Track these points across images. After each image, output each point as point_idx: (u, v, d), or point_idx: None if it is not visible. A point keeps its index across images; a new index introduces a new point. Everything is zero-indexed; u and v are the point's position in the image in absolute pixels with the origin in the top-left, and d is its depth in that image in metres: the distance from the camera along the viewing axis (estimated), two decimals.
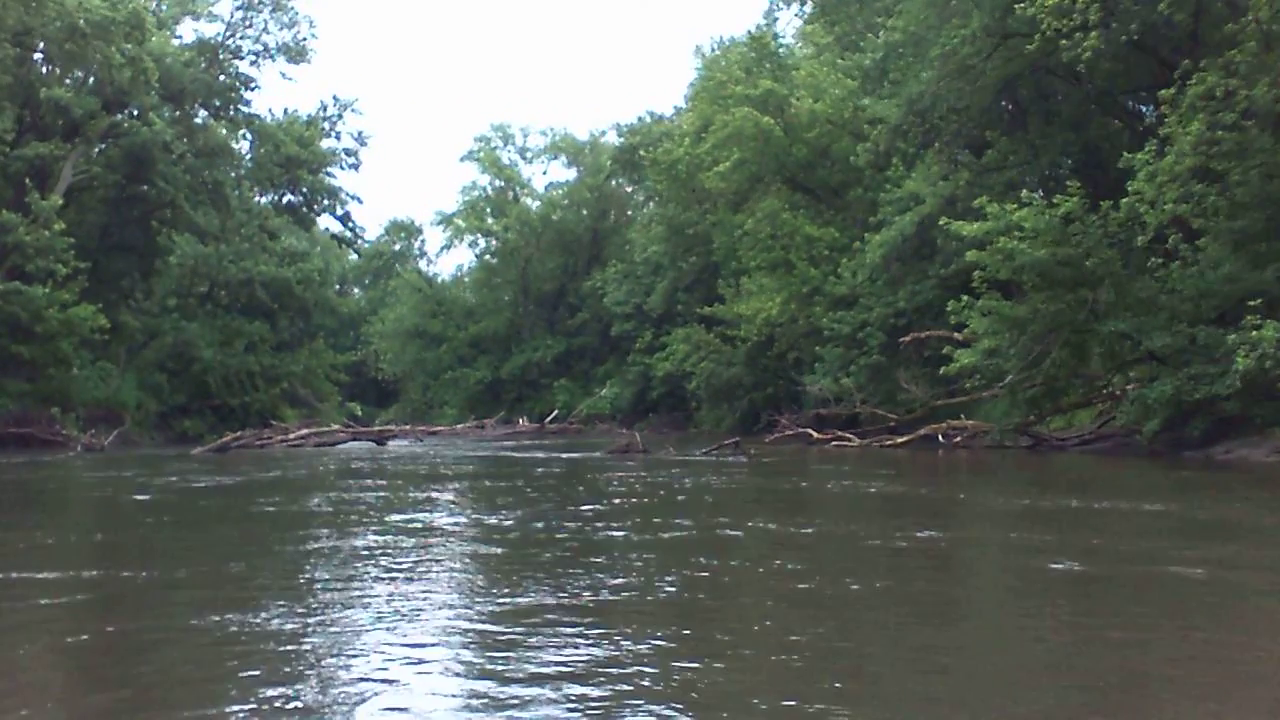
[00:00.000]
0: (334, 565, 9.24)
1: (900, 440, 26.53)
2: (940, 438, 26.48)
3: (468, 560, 9.64)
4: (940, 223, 24.45)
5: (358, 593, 7.90)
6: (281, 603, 7.46)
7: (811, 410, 42.14)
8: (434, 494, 17.06)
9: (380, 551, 9.95)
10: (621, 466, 22.03)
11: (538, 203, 77.23)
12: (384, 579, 8.50)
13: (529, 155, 78.30)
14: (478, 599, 7.63)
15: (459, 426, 57.00)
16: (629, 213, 74.95)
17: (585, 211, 75.90)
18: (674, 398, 58.07)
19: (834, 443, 28.02)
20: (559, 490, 17.16)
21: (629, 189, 74.13)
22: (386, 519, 12.70)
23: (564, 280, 75.44)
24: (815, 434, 29.14)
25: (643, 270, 63.14)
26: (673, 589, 8.00)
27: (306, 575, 8.86)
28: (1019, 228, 21.15)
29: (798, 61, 41.09)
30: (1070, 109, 32.00)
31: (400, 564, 9.23)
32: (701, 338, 47.50)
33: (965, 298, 22.72)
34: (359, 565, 9.20)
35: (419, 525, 12.21)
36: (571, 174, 78.04)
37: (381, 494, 16.73)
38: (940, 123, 30.33)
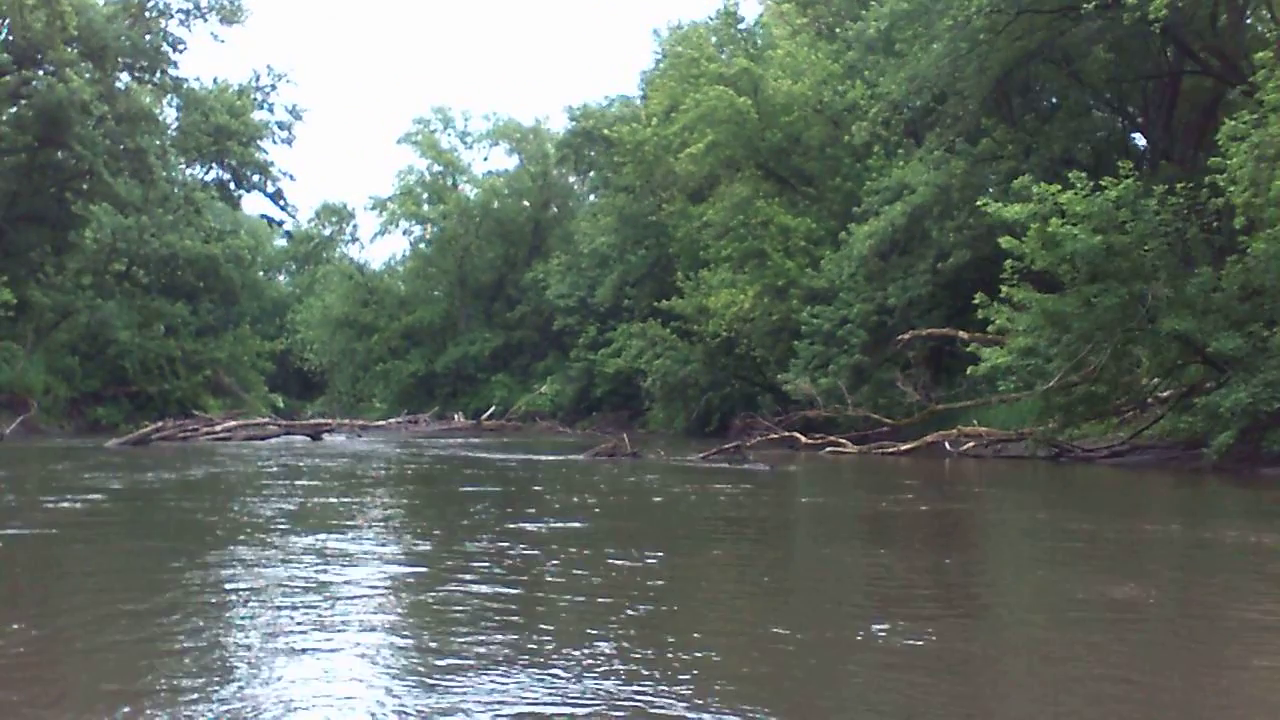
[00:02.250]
0: (257, 618, 6.53)
1: (904, 447, 24.11)
2: (947, 445, 24.12)
3: (432, 616, 6.78)
4: (978, 204, 21.98)
5: (282, 664, 5.37)
6: (177, 676, 5.02)
7: (769, 411, 39.92)
8: (396, 506, 14.23)
9: (330, 597, 7.19)
10: (617, 473, 19.28)
11: (477, 190, 74.00)
12: (322, 644, 5.82)
13: (469, 140, 75.07)
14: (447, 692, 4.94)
15: (392, 421, 54.10)
16: (571, 204, 72.26)
17: (527, 201, 72.90)
18: (619, 396, 55.56)
19: (828, 449, 25.53)
20: (552, 505, 14.36)
21: (573, 179, 71.43)
22: (343, 545, 9.73)
23: (503, 271, 72.36)
24: (804, 438, 26.61)
25: (588, 262, 60.39)
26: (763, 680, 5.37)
27: (221, 627, 6.21)
28: (1061, 212, 18.81)
29: (772, 41, 38.62)
30: (1075, 98, 30.08)
31: (350, 618, 6.52)
32: (657, 333, 44.87)
33: (1004, 289, 20.28)
34: (290, 615, 6.51)
35: (383, 554, 9.40)
36: (513, 162, 75.00)
37: (331, 503, 13.81)
38: (940, 105, 28.08)
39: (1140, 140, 34.18)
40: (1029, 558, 9.98)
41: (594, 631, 6.12)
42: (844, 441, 25.74)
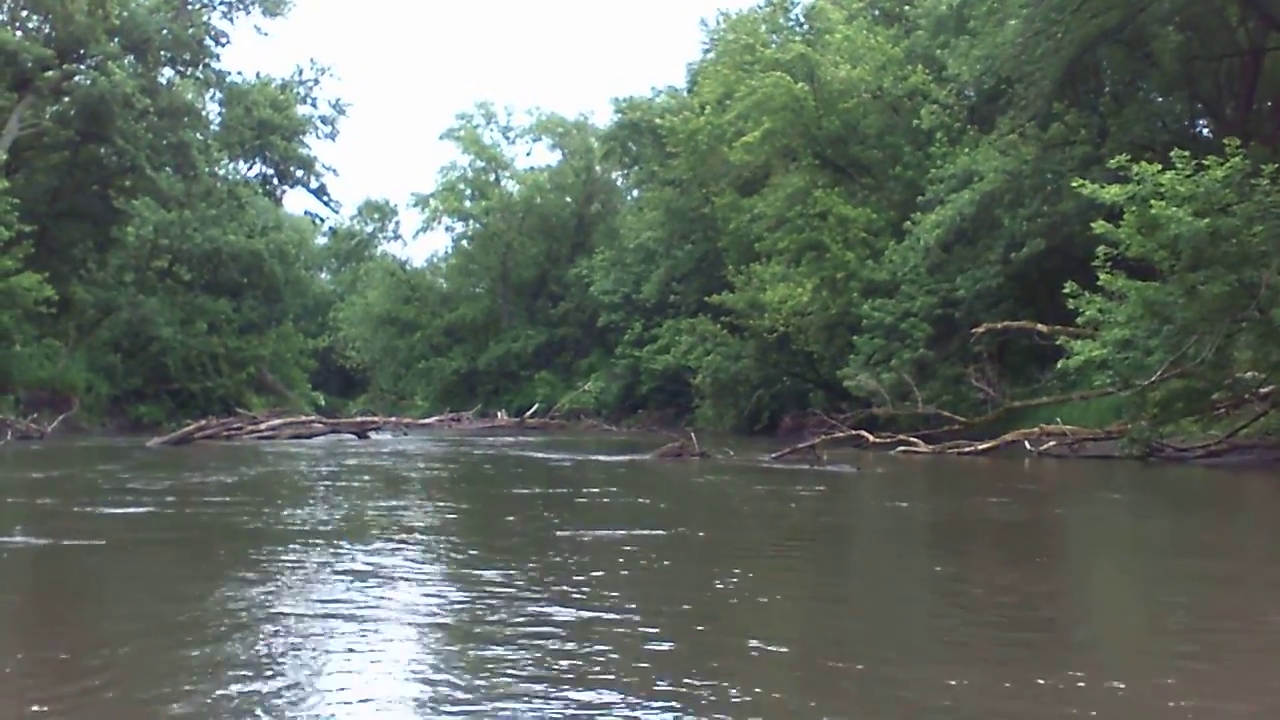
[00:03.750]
0: (301, 648, 5.49)
1: (981, 447, 22.85)
2: (1027, 444, 22.85)
3: (500, 650, 5.59)
4: (1073, 185, 20.66)
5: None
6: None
7: (821, 408, 38.77)
8: (456, 512, 13.14)
9: (381, 624, 6.21)
10: (687, 474, 18.17)
11: (520, 185, 73.25)
12: (368, 681, 4.88)
13: (512, 135, 74.27)
14: None
15: (434, 419, 53.45)
16: (614, 199, 71.38)
17: (570, 197, 72.01)
18: (664, 393, 54.51)
19: (899, 448, 24.25)
20: (624, 511, 13.28)
21: (616, 174, 70.55)
22: (400, 559, 8.65)
23: (546, 268, 71.51)
24: (871, 437, 25.38)
25: (633, 258, 59.42)
26: None
27: (263, 658, 5.24)
28: (1158, 194, 17.53)
29: (827, 26, 37.39)
30: (1153, 80, 28.77)
31: (401, 649, 5.58)
32: (708, 329, 43.75)
33: (1102, 277, 18.97)
34: (336, 644, 5.57)
35: (445, 571, 8.33)
36: (556, 157, 74.17)
37: (386, 508, 12.77)
38: (1011, 88, 26.83)
39: (1204, 125, 32.73)
40: (1184, 578, 8.75)
41: (685, 670, 5.05)
42: (916, 441, 24.46)
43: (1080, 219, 26.24)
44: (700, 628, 6.10)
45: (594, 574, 7.80)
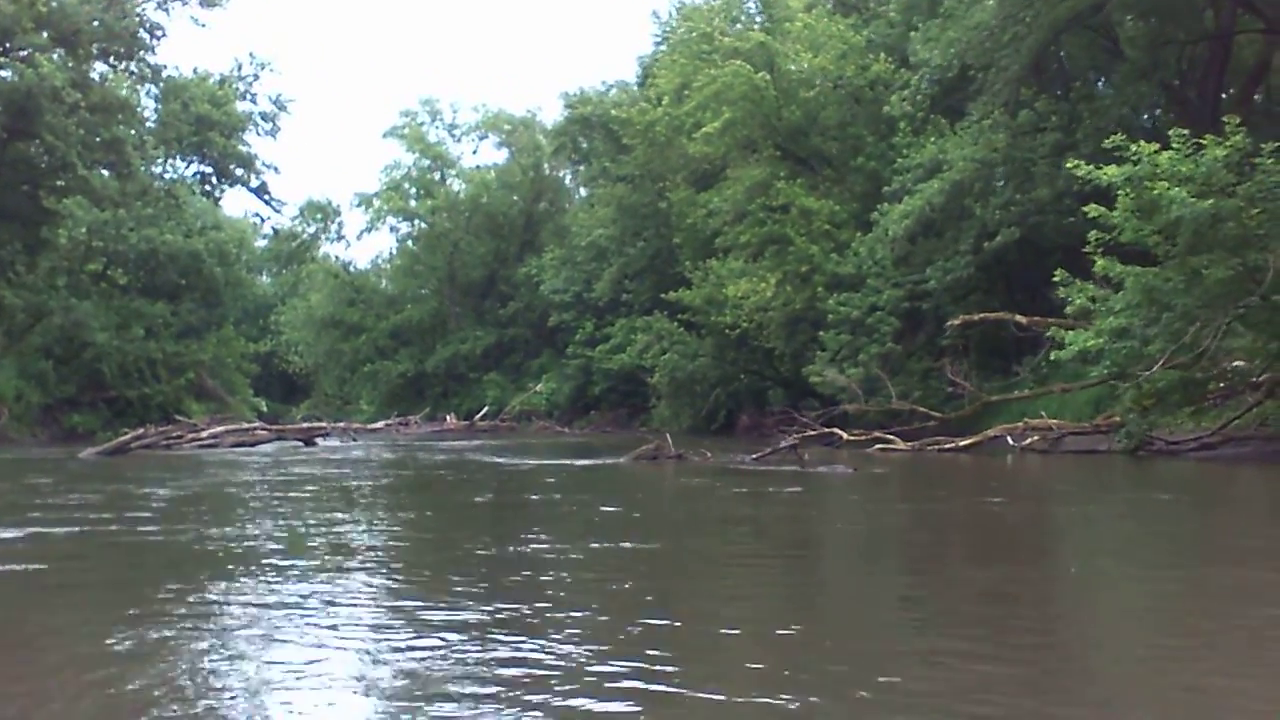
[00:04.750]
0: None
1: (963, 443, 21.97)
2: (1009, 439, 22.01)
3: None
4: (1068, 165, 19.76)
5: None
6: None
7: (779, 406, 38.06)
8: (421, 529, 11.83)
9: (333, 678, 5.04)
10: (665, 478, 17.06)
11: (466, 184, 71.88)
12: None
13: (458, 133, 72.88)
14: None
15: (382, 423, 52.19)
16: (563, 198, 70.30)
17: (517, 196, 70.73)
18: (617, 393, 53.66)
19: (876, 446, 23.29)
20: (608, 520, 12.16)
21: (564, 172, 69.53)
22: (355, 588, 7.46)
23: (494, 267, 70.19)
24: (845, 435, 24.42)
25: (584, 256, 58.37)
26: None
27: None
28: (1156, 175, 16.70)
29: (785, 15, 36.51)
30: (1126, 67, 28.18)
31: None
32: (664, 327, 42.77)
33: (1103, 263, 18.10)
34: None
35: (421, 608, 7.21)
36: (502, 155, 72.87)
37: (340, 527, 11.45)
38: (982, 73, 26.06)
39: (1159, 111, 32.18)
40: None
41: None
42: (892, 437, 23.55)
43: (1054, 207, 25.59)
44: (692, 665, 5.03)
45: (580, 596, 6.71)
